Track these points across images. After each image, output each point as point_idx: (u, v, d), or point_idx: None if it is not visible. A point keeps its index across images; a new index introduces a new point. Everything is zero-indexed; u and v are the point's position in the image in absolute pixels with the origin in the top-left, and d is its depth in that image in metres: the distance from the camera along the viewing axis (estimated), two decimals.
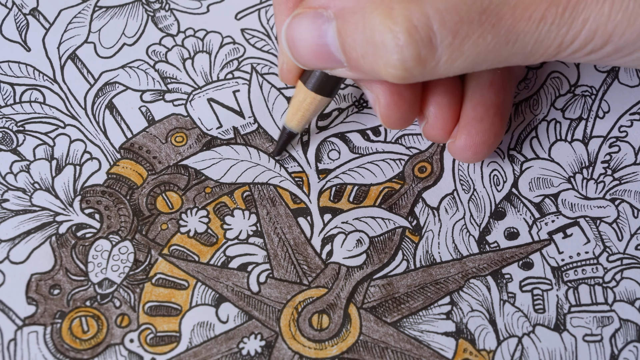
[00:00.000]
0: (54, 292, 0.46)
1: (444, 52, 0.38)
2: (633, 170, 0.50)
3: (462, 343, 0.46)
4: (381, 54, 0.39)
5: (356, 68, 0.41)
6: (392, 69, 0.39)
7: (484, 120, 0.47)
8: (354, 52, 0.40)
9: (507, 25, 0.38)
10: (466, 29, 0.38)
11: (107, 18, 0.56)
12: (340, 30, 0.40)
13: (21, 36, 0.55)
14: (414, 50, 0.38)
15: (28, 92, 0.53)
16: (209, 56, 0.55)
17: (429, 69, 0.39)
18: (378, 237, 0.49)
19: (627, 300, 0.46)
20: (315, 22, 0.41)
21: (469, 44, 0.38)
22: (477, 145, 0.47)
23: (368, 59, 0.39)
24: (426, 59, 0.38)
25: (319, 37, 0.41)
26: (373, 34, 0.38)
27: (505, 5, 0.37)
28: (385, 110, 0.46)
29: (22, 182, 0.50)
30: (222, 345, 0.45)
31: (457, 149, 0.48)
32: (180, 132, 0.52)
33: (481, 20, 0.38)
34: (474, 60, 0.39)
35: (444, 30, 0.38)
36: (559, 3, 0.37)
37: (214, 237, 0.49)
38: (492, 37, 0.38)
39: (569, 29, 0.38)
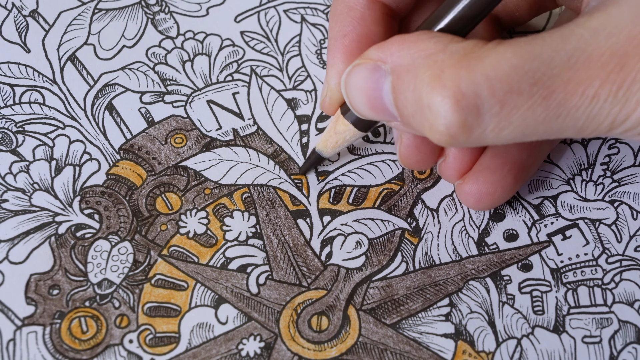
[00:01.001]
0: (53, 293, 0.46)
1: (490, 121, 0.37)
2: (632, 172, 0.50)
3: (461, 345, 0.46)
4: (427, 117, 0.38)
5: (408, 125, 0.40)
6: (437, 134, 0.38)
7: (495, 172, 0.47)
8: (405, 110, 0.39)
9: (559, 99, 0.37)
10: (515, 100, 0.37)
11: (107, 20, 0.56)
12: (395, 87, 0.39)
13: (21, 37, 0.55)
14: (460, 117, 0.37)
15: (28, 93, 0.53)
16: (209, 58, 0.55)
17: (474, 136, 0.38)
18: (377, 238, 0.49)
19: (626, 302, 0.46)
20: (373, 75, 0.40)
21: (517, 115, 0.37)
22: (481, 194, 0.47)
23: (416, 119, 0.39)
24: (472, 126, 0.37)
25: (375, 90, 0.40)
26: (421, 95, 0.37)
27: (558, 78, 0.36)
28: (406, 151, 0.46)
29: (21, 183, 0.50)
30: (222, 347, 0.45)
31: (462, 192, 0.47)
32: (179, 133, 0.52)
33: (532, 91, 0.36)
34: (523, 132, 0.38)
35: (492, 99, 0.37)
36: (613, 81, 0.36)
37: (214, 239, 0.49)
38: (543, 110, 0.37)
39: (621, 108, 0.37)
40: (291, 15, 0.57)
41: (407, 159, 0.47)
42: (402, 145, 0.46)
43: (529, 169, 0.48)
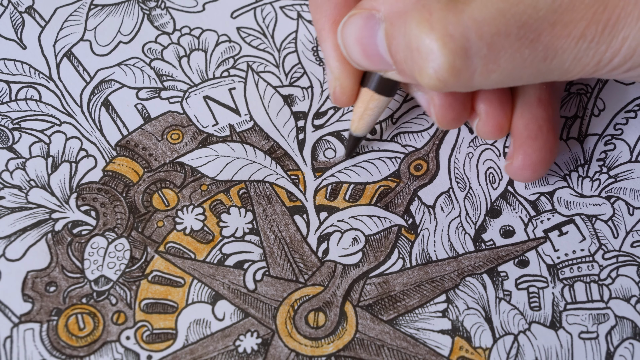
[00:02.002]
0: (50, 290, 0.46)
1: (479, 64, 0.38)
2: (628, 168, 0.50)
3: (458, 341, 0.46)
4: (416, 60, 0.38)
5: (402, 72, 0.41)
6: (426, 78, 0.38)
7: (538, 137, 0.47)
8: (397, 55, 0.40)
9: (546, 41, 0.37)
10: (503, 42, 0.37)
11: (103, 16, 0.56)
12: (388, 33, 0.40)
13: (17, 34, 0.55)
14: (448, 59, 0.37)
15: (24, 89, 0.53)
16: (205, 54, 0.55)
17: (463, 80, 0.38)
18: (374, 235, 0.49)
19: (623, 298, 0.47)
20: (368, 23, 0.41)
21: (505, 57, 0.38)
22: (535, 164, 0.47)
23: (408, 64, 0.39)
24: (460, 69, 0.38)
25: (370, 37, 0.41)
26: (410, 39, 0.38)
27: (544, 21, 0.37)
28: (440, 111, 0.46)
29: (18, 180, 0.50)
30: (219, 343, 0.45)
31: (515, 169, 0.48)
32: (176, 129, 0.52)
33: (519, 34, 0.37)
34: (510, 74, 0.38)
35: (480, 42, 0.37)
36: (598, 21, 0.37)
37: (210, 235, 0.49)
38: (530, 52, 0.38)
39: (607, 46, 0.38)
40: (287, 11, 0.57)
41: (444, 119, 0.46)
42: (436, 107, 0.46)
43: (558, 123, 0.48)
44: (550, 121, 0.47)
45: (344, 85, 0.47)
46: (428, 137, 0.52)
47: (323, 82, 0.54)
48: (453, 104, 0.46)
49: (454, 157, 0.51)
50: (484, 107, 0.47)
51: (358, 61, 0.43)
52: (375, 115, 0.48)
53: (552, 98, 0.48)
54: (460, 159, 0.51)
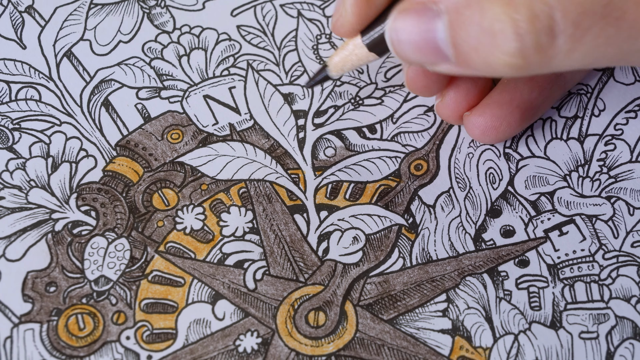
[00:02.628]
0: (50, 290, 0.46)
1: (565, 43, 0.37)
2: (629, 168, 0.50)
3: (459, 340, 0.46)
4: (499, 43, 0.38)
5: (464, 62, 0.40)
6: (509, 57, 0.38)
7: (502, 107, 0.47)
8: (465, 45, 0.39)
9: (631, 20, 0.37)
10: (589, 21, 0.37)
11: (103, 15, 0.56)
12: (454, 24, 0.39)
13: (17, 34, 0.55)
14: (535, 38, 0.37)
15: (24, 89, 0.53)
16: (205, 53, 0.55)
17: (547, 59, 0.38)
18: (374, 234, 0.49)
19: (623, 298, 0.46)
20: (425, 16, 0.40)
21: (590, 36, 0.37)
22: (487, 127, 0.48)
23: (482, 49, 0.38)
24: (547, 48, 0.37)
25: (428, 32, 0.40)
26: (492, 23, 0.37)
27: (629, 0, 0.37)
28: (412, 74, 0.46)
29: (18, 180, 0.50)
30: (219, 343, 0.45)
31: (469, 123, 0.49)
32: (176, 129, 0.52)
33: (604, 12, 0.37)
34: (594, 54, 0.38)
35: (566, 21, 0.37)
36: None
37: (210, 234, 0.49)
38: (615, 31, 0.37)
39: None
40: (287, 9, 0.57)
41: (413, 84, 0.47)
42: (410, 69, 0.46)
43: (536, 109, 0.49)
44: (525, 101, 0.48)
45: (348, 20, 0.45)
46: (428, 137, 0.52)
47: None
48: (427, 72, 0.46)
49: (454, 157, 0.51)
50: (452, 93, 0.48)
51: (409, 57, 0.42)
52: (355, 65, 0.46)
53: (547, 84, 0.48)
54: (461, 159, 0.51)
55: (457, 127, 0.52)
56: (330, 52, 0.55)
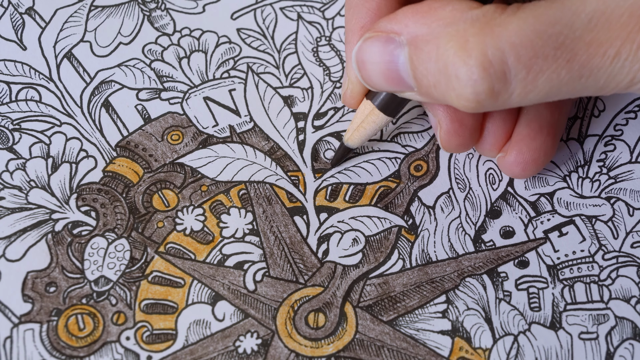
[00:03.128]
0: (50, 290, 0.46)
1: (517, 86, 0.38)
2: (628, 169, 0.50)
3: (458, 341, 0.46)
4: (454, 86, 0.38)
5: (426, 95, 0.41)
6: (464, 101, 0.39)
7: (536, 138, 0.47)
8: (425, 80, 0.40)
9: (582, 61, 0.37)
10: (540, 64, 0.37)
11: (103, 17, 0.56)
12: (413, 58, 0.40)
13: (17, 35, 0.55)
14: (488, 84, 0.38)
15: (24, 90, 0.53)
16: (205, 55, 0.55)
17: (501, 101, 0.39)
18: (374, 236, 0.49)
19: (623, 298, 0.47)
20: (387, 47, 0.41)
21: (542, 79, 0.38)
22: (526, 162, 0.48)
23: (440, 88, 0.39)
24: (499, 92, 0.38)
25: (390, 62, 0.41)
26: (446, 65, 0.38)
27: (580, 41, 0.37)
28: (445, 136, 0.46)
29: (18, 180, 0.50)
30: (219, 344, 0.45)
31: (506, 164, 0.48)
32: (176, 130, 0.52)
33: (556, 55, 0.37)
34: (547, 93, 0.39)
35: (518, 65, 0.37)
36: (633, 40, 0.37)
37: (210, 235, 0.49)
38: (566, 73, 0.38)
39: None
40: (287, 12, 0.57)
41: (448, 144, 0.47)
42: (442, 132, 0.46)
43: (561, 128, 0.49)
44: (553, 124, 0.48)
45: (356, 90, 0.48)
46: (428, 138, 0.52)
47: (323, 82, 0.54)
48: (459, 131, 0.46)
49: (454, 157, 0.51)
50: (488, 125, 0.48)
51: (374, 84, 0.43)
52: (371, 131, 0.48)
53: (561, 102, 0.48)
54: (460, 160, 0.51)
55: None
56: (330, 54, 0.55)
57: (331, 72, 0.54)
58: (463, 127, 0.46)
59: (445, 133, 0.46)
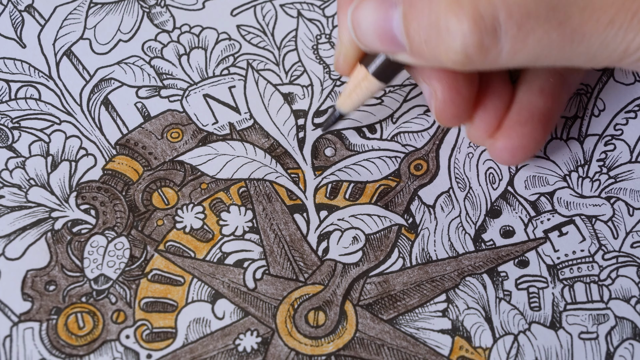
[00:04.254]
0: (49, 288, 0.46)
1: (507, 43, 0.38)
2: (628, 169, 0.50)
3: (458, 340, 0.46)
4: (444, 39, 0.38)
5: (418, 53, 0.41)
6: (453, 54, 0.39)
7: (526, 125, 0.47)
8: (417, 36, 0.40)
9: (574, 24, 0.38)
10: (532, 23, 0.37)
11: (103, 14, 0.56)
12: (406, 14, 0.40)
13: (16, 33, 0.55)
14: (478, 38, 0.38)
15: (23, 88, 0.53)
16: (205, 52, 0.55)
17: (490, 58, 0.39)
18: (374, 234, 0.49)
19: (623, 298, 0.47)
20: (382, 5, 0.41)
21: (533, 39, 0.38)
22: (515, 148, 0.48)
23: (430, 43, 0.39)
24: (489, 47, 0.38)
25: (385, 20, 0.41)
26: (438, 18, 0.38)
27: (574, 5, 0.37)
28: (441, 106, 0.46)
29: (17, 179, 0.50)
30: (218, 342, 0.45)
31: (495, 149, 0.48)
32: (176, 128, 0.52)
33: (548, 16, 0.37)
34: (536, 55, 0.39)
35: (509, 22, 0.37)
36: (628, 9, 0.37)
37: (210, 233, 0.49)
38: (558, 35, 0.38)
39: (635, 35, 0.38)
40: (287, 9, 0.57)
41: (443, 114, 0.47)
42: (438, 102, 0.46)
43: (553, 118, 0.49)
44: (545, 113, 0.48)
45: (349, 55, 0.47)
46: (428, 137, 0.52)
47: (323, 80, 0.54)
48: (455, 100, 0.46)
49: (454, 157, 0.51)
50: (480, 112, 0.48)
51: (368, 43, 0.43)
52: (363, 96, 0.48)
53: (556, 91, 0.48)
54: (461, 159, 0.51)
55: (457, 127, 0.52)
56: (330, 52, 0.55)
57: (331, 70, 0.54)
58: (459, 95, 0.46)
59: (440, 102, 0.46)
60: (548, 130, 0.48)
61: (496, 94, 0.47)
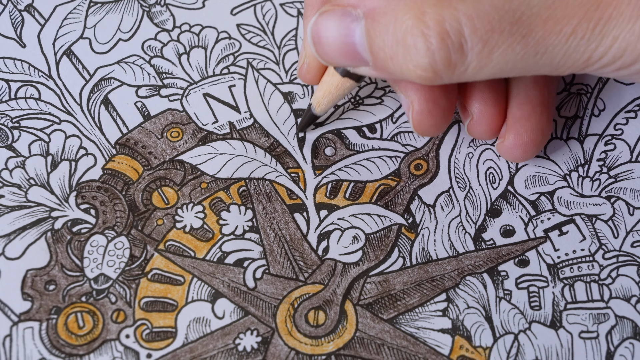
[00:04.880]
0: (49, 288, 0.46)
1: (473, 59, 0.39)
2: (628, 168, 0.50)
3: (459, 340, 0.46)
4: (412, 57, 0.39)
5: (382, 68, 0.41)
6: (421, 71, 0.39)
7: (531, 118, 0.48)
8: (381, 52, 0.40)
9: (538, 37, 0.38)
10: (496, 38, 0.38)
11: (103, 13, 0.56)
12: (370, 31, 0.40)
13: (16, 32, 0.55)
14: (445, 54, 0.38)
15: (23, 88, 0.53)
16: (205, 51, 0.55)
17: (457, 73, 0.39)
18: (374, 234, 0.49)
19: (623, 297, 0.47)
20: (344, 20, 0.41)
21: (498, 53, 0.38)
22: (525, 144, 0.48)
23: (397, 60, 0.40)
24: (456, 63, 0.39)
25: (346, 36, 0.41)
26: (405, 36, 0.39)
27: (537, 17, 0.38)
28: (418, 117, 0.46)
29: (17, 178, 0.50)
30: (218, 341, 0.45)
31: (506, 148, 0.48)
32: (175, 127, 0.52)
33: (512, 30, 0.38)
34: (502, 68, 0.39)
35: (475, 38, 0.38)
36: (590, 19, 0.38)
37: (210, 233, 0.49)
38: (522, 48, 0.38)
39: (598, 45, 0.38)
40: (287, 9, 0.57)
41: (420, 125, 0.47)
42: (415, 112, 0.46)
43: (552, 106, 0.49)
44: (544, 103, 0.48)
45: (313, 65, 0.48)
46: (428, 137, 0.52)
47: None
48: (433, 111, 0.46)
49: (454, 157, 0.51)
50: (478, 106, 0.48)
51: (329, 59, 0.43)
52: (338, 97, 0.48)
53: (547, 80, 0.48)
54: (461, 159, 0.51)
55: (457, 127, 0.52)
56: None
57: None
58: (436, 106, 0.46)
59: (417, 114, 0.46)
60: (551, 119, 0.49)
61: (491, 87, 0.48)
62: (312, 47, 0.44)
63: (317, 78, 0.49)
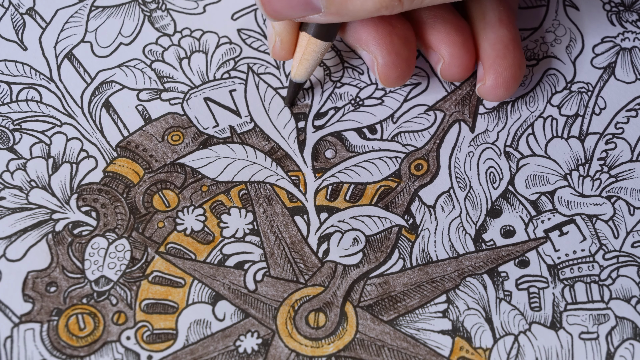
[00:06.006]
0: (50, 290, 0.46)
1: None
2: (629, 167, 0.50)
3: (459, 341, 0.46)
4: None
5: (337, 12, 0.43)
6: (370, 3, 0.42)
7: (507, 56, 0.49)
8: None
9: None
10: None
11: (104, 18, 0.56)
12: None
13: (18, 35, 0.55)
14: None
15: (25, 90, 0.53)
16: (206, 56, 0.55)
17: None
18: (374, 235, 0.49)
19: (623, 298, 0.46)
20: None
21: None
22: (507, 81, 0.50)
23: None
24: None
25: None
26: None
27: None
28: (383, 70, 0.48)
29: (18, 180, 0.50)
30: (219, 343, 0.45)
31: (488, 89, 0.50)
32: (176, 130, 0.52)
33: None
34: None
35: None
36: None
37: (211, 235, 0.49)
38: None
39: None
40: None
41: (387, 78, 0.49)
42: (380, 66, 0.49)
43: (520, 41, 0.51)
44: (515, 40, 0.50)
45: (285, 40, 0.49)
46: (429, 137, 0.52)
47: (323, 82, 0.54)
48: (396, 62, 0.48)
49: (455, 156, 0.51)
50: (448, 49, 0.49)
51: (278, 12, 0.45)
52: (313, 60, 0.49)
53: (511, 18, 0.50)
54: (461, 159, 0.51)
55: (457, 126, 0.52)
56: (331, 54, 0.55)
57: (332, 72, 0.54)
58: (399, 57, 0.48)
59: (382, 67, 0.48)
60: (523, 55, 0.50)
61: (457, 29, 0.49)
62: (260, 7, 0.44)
63: (290, 53, 0.50)
